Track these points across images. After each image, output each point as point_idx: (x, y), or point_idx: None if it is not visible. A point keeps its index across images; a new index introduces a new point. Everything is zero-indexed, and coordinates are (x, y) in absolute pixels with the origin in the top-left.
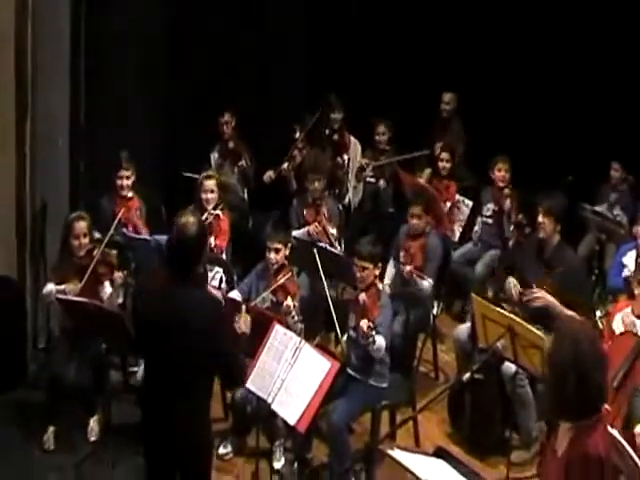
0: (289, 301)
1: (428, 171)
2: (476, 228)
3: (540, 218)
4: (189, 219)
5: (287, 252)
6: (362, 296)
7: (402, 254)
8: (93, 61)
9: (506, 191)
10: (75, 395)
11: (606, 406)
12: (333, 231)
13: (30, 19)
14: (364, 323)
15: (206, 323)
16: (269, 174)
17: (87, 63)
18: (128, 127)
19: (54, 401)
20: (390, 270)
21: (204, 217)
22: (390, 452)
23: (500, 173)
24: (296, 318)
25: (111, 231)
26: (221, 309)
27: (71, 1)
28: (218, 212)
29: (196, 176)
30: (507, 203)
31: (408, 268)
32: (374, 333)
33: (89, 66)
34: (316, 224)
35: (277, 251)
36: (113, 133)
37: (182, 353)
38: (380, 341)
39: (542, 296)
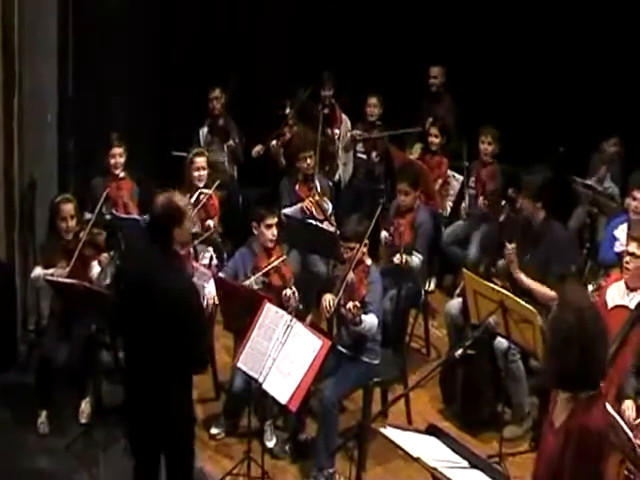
0: (288, 290)
1: (419, 146)
2: (464, 204)
3: (520, 200)
4: (159, 198)
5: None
6: (350, 275)
7: (390, 230)
8: (81, 37)
9: (488, 167)
10: (66, 377)
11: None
12: (328, 206)
13: None
14: (351, 304)
15: (174, 301)
16: (257, 149)
17: (75, 39)
18: (117, 105)
19: (45, 383)
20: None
21: (195, 196)
22: (382, 430)
23: (483, 145)
24: (295, 305)
25: (96, 211)
26: (191, 289)
27: None
28: (210, 192)
29: (185, 154)
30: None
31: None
32: (361, 313)
33: (77, 42)
34: (310, 200)
35: (272, 227)
36: (102, 111)
37: (152, 329)
38: (369, 320)
39: (518, 278)
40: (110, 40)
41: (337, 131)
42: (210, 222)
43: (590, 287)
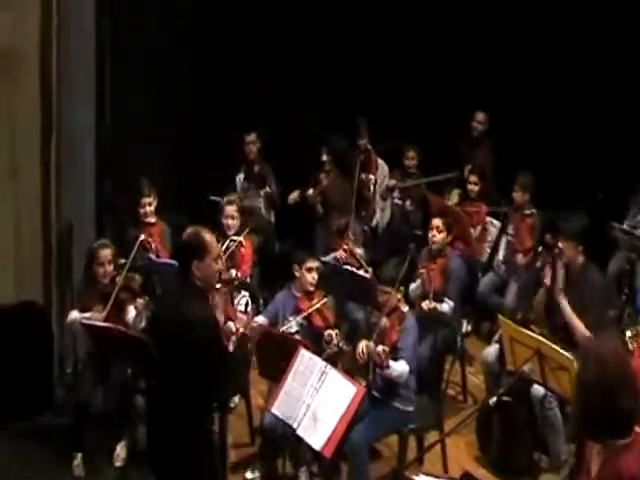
0: (330, 331)
1: (456, 192)
2: (499, 255)
3: (560, 243)
4: (190, 228)
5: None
6: (383, 320)
7: (421, 275)
8: (118, 81)
9: (527, 220)
10: (102, 420)
11: (637, 428)
12: (361, 252)
13: (55, 36)
14: (380, 348)
15: (196, 340)
16: (294, 196)
17: (112, 82)
18: (154, 149)
19: (81, 427)
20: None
21: (226, 244)
22: (415, 478)
23: (515, 193)
24: (338, 346)
25: (131, 257)
26: (214, 329)
27: (96, 17)
28: (240, 239)
29: (220, 199)
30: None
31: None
32: (390, 358)
33: (114, 86)
34: (343, 249)
35: (314, 271)
36: (139, 155)
37: (176, 368)
38: (399, 366)
39: (562, 305)
40: (146, 83)
41: (372, 177)
42: (233, 272)
43: (628, 333)
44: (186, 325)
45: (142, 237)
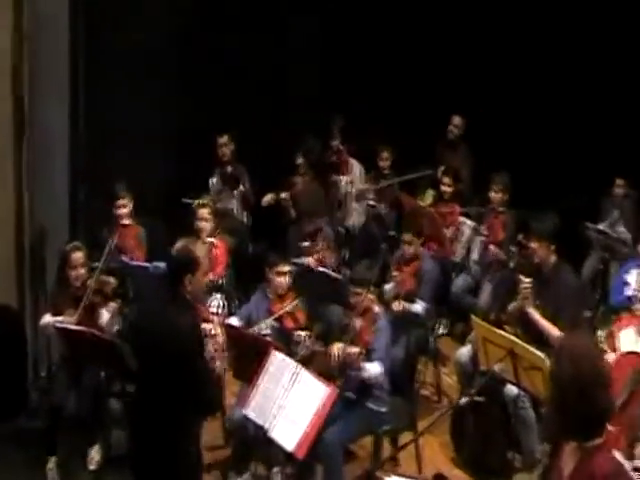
0: (300, 332)
1: (430, 193)
2: (474, 256)
3: (532, 244)
4: (178, 245)
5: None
6: (356, 321)
7: (393, 277)
8: (92, 84)
9: (500, 216)
10: (75, 424)
11: (610, 427)
12: (332, 259)
13: (27, 38)
14: (353, 349)
15: (179, 347)
16: (267, 199)
17: (86, 85)
18: (129, 152)
19: (54, 430)
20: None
21: (199, 247)
22: (387, 479)
23: (493, 193)
24: (308, 348)
25: (103, 259)
26: (200, 339)
27: (70, 17)
28: (212, 240)
29: (192, 202)
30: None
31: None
32: (363, 359)
33: (88, 89)
34: (314, 256)
35: (285, 275)
36: (113, 158)
37: (158, 375)
38: (372, 368)
39: (530, 313)
40: (121, 86)
41: (344, 177)
42: (210, 276)
43: (600, 332)
44: (174, 335)
45: (115, 239)
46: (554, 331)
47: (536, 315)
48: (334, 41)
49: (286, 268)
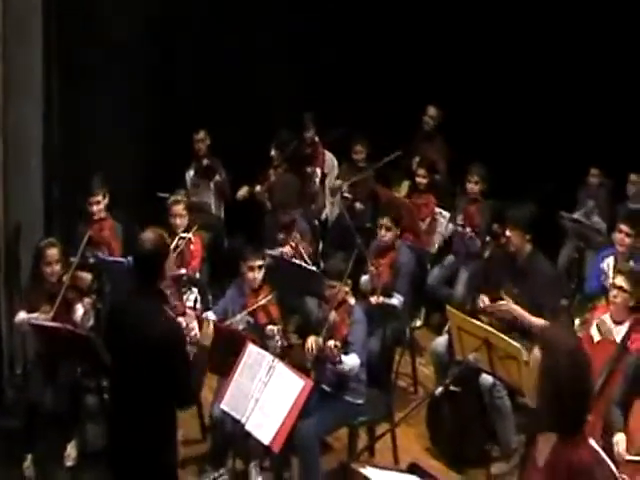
0: (272, 327)
1: (406, 184)
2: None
3: (507, 232)
4: (146, 235)
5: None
6: (332, 314)
7: (370, 270)
8: (66, 82)
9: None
10: (52, 421)
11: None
12: (307, 250)
13: (1, 39)
14: (331, 343)
15: (157, 341)
16: (242, 192)
17: (60, 83)
18: (103, 148)
19: (31, 427)
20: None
21: (175, 242)
22: (362, 470)
23: (470, 184)
24: (280, 343)
25: (78, 254)
26: (176, 329)
27: (43, 15)
28: (188, 235)
29: (166, 196)
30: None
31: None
32: (341, 353)
33: (62, 87)
34: (289, 247)
35: (258, 269)
36: (87, 156)
37: (137, 371)
38: (350, 360)
39: (508, 308)
40: (95, 85)
41: (318, 169)
42: (183, 270)
43: (577, 321)
44: (151, 328)
45: (89, 234)
46: (537, 321)
47: (518, 310)
48: (306, 32)
49: (258, 263)
